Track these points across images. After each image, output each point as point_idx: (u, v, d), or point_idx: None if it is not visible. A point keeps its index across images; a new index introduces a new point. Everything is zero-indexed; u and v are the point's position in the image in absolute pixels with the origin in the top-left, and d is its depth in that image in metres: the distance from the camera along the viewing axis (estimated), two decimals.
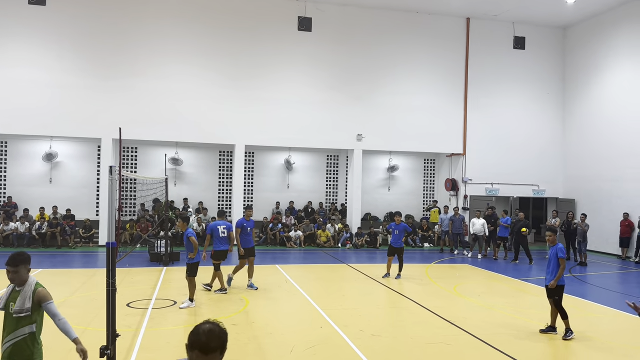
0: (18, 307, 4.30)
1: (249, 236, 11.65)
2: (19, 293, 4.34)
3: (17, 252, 4.49)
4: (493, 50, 22.50)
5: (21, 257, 4.42)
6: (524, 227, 17.27)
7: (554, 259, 8.45)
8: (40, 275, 13.04)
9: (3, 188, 19.98)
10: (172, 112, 19.36)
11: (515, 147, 22.64)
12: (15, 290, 4.35)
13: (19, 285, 4.38)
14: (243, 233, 11.50)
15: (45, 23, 18.46)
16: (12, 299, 4.30)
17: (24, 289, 4.37)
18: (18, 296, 4.32)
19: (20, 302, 4.30)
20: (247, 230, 11.57)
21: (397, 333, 8.52)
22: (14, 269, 4.35)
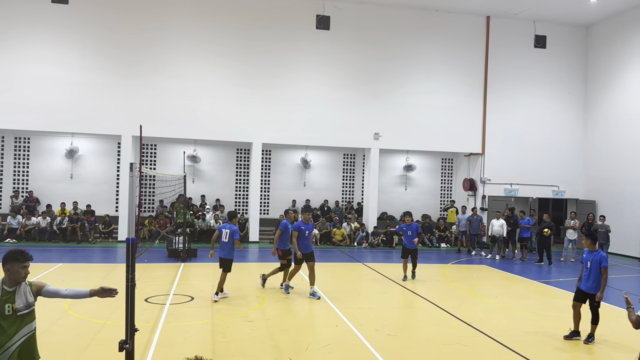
0: (22, 304, 4.17)
1: (307, 240, 10.94)
2: (15, 292, 4.16)
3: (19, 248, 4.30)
4: (513, 49, 22.23)
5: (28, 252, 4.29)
6: (546, 228, 17.09)
7: (595, 267, 8.09)
8: (60, 269, 13.29)
9: (26, 183, 20.38)
10: (190, 110, 19.55)
11: (535, 147, 22.35)
12: (8, 291, 4.13)
13: (13, 284, 4.18)
14: (301, 237, 10.85)
15: (67, 22, 18.77)
16: (6, 301, 4.10)
17: (20, 286, 4.20)
18: (14, 296, 4.15)
19: (22, 300, 4.18)
20: (305, 234, 10.89)
21: (413, 333, 8.49)
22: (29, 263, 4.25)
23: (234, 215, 11.10)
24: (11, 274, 4.18)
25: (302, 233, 10.83)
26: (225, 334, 8.00)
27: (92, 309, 9.30)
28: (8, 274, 4.18)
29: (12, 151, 20.22)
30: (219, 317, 8.99)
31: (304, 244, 10.87)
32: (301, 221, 10.99)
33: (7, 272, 4.18)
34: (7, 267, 4.17)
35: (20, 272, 4.18)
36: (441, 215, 23.46)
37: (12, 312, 4.13)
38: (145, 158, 21.41)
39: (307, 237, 10.92)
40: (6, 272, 4.18)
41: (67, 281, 11.74)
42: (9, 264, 4.17)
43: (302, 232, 10.81)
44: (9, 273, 4.18)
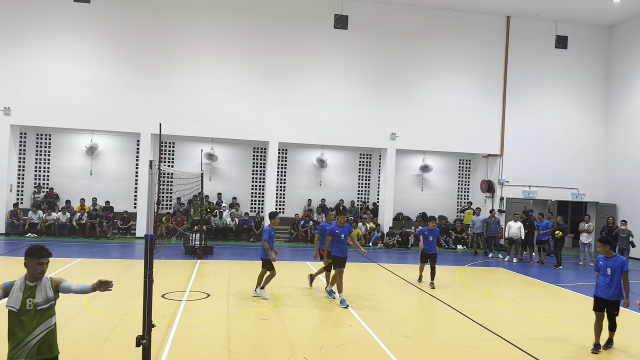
0: (42, 299, 4.21)
1: (343, 244, 10.32)
2: (36, 287, 4.22)
3: (39, 244, 4.31)
4: (534, 49, 21.97)
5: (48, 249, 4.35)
6: (558, 230, 16.91)
7: (617, 273, 7.77)
8: (79, 264, 13.49)
9: (46, 179, 20.74)
10: (208, 109, 19.71)
11: (555, 149, 22.07)
12: (29, 286, 4.20)
13: (34, 280, 4.24)
14: (336, 241, 10.25)
15: (89, 21, 19.05)
16: (28, 296, 4.17)
17: (41, 282, 4.26)
18: (35, 290, 4.21)
19: (42, 294, 4.23)
20: (341, 238, 10.27)
21: (428, 335, 8.44)
22: (47, 260, 4.29)
23: (271, 215, 10.68)
24: (29, 270, 4.24)
25: (337, 236, 10.25)
26: (240, 331, 8.05)
27: (110, 303, 9.43)
28: (27, 269, 4.26)
29: (34, 147, 20.60)
30: (235, 314, 9.04)
31: (340, 247, 10.27)
32: (335, 224, 10.40)
33: (26, 267, 4.26)
34: (25, 262, 4.25)
35: (37, 268, 4.22)
36: (458, 217, 23.29)
37: (32, 306, 4.18)
38: (164, 156, 21.63)
39: (343, 241, 10.29)
40: (25, 267, 4.26)
41: (86, 276, 11.92)
42: (27, 259, 4.24)
43: (336, 235, 10.24)
44: (27, 268, 4.25)
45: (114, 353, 6.90)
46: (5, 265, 13.20)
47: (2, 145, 18.59)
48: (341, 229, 10.32)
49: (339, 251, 10.26)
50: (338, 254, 10.25)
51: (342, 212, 10.60)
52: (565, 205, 23.69)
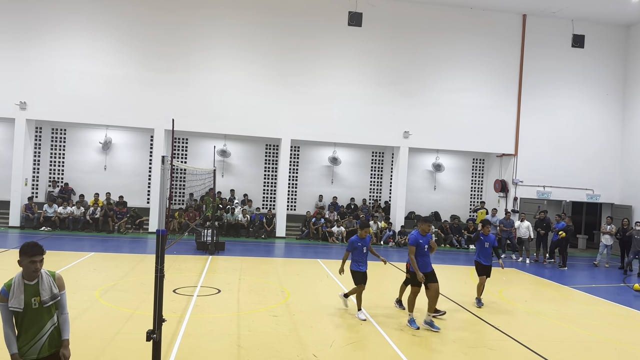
0: (47, 296, 4.17)
1: (427, 256, 8.86)
2: (38, 285, 4.15)
3: (33, 242, 4.19)
4: (550, 48, 21.71)
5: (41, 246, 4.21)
6: (561, 230, 16.76)
7: None
8: (92, 258, 13.63)
9: (61, 174, 20.96)
10: (221, 105, 19.77)
11: (570, 149, 21.80)
12: (29, 285, 4.12)
13: (32, 278, 4.15)
14: (419, 253, 8.73)
15: (104, 17, 19.20)
16: (32, 295, 4.11)
17: (42, 278, 4.18)
18: (38, 289, 4.14)
19: (47, 291, 4.18)
20: (425, 249, 8.79)
21: (438, 335, 8.37)
22: (42, 257, 4.19)
23: (361, 225, 9.42)
24: (24, 268, 4.15)
25: (421, 247, 8.74)
26: (250, 328, 8.07)
27: (121, 297, 9.51)
28: (22, 267, 4.16)
29: (49, 142, 20.83)
30: (245, 311, 9.06)
31: (424, 260, 8.78)
32: (418, 232, 8.84)
33: (20, 266, 4.16)
34: (19, 261, 4.14)
35: (30, 266, 4.12)
36: (470, 217, 23.12)
37: (38, 305, 4.15)
38: (177, 151, 21.75)
39: (426, 252, 8.83)
40: (20, 265, 4.16)
41: (98, 270, 12.04)
42: (21, 257, 4.13)
43: (420, 246, 8.73)
44: (22, 267, 4.15)
45: (125, 347, 6.94)
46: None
47: (18, 140, 18.82)
48: (424, 239, 8.81)
49: (422, 265, 8.73)
50: (422, 269, 8.71)
51: (427, 220, 8.97)
52: (580, 206, 23.41)
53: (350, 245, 9.26)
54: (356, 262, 9.22)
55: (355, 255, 9.21)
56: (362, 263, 9.25)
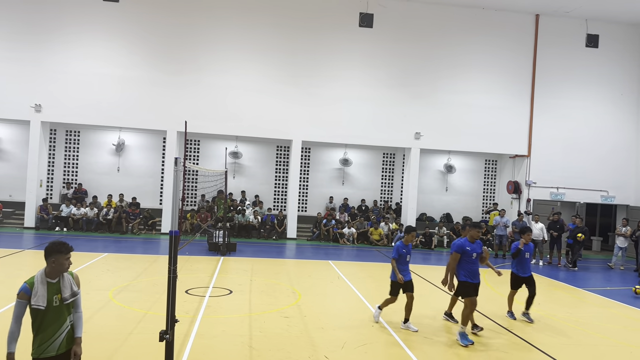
0: (69, 294, 4.30)
1: (475, 265, 8.16)
2: (59, 283, 4.26)
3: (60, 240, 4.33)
4: (563, 48, 21.51)
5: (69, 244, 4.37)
6: (580, 232, 16.57)
7: None
8: (105, 259, 13.75)
9: (75, 175, 21.20)
10: (233, 107, 19.86)
11: (584, 150, 21.58)
12: (52, 283, 4.22)
13: (56, 276, 4.27)
14: (466, 261, 8.13)
15: (117, 19, 19.39)
16: (53, 293, 4.21)
17: (63, 276, 4.30)
18: (60, 287, 4.26)
19: (68, 289, 4.30)
20: (472, 258, 8.15)
21: (450, 337, 8.33)
22: (70, 255, 4.34)
23: (407, 230, 8.76)
24: (56, 266, 4.24)
25: (468, 255, 8.13)
26: (262, 329, 8.08)
27: (134, 297, 9.59)
28: (53, 265, 4.23)
29: (63, 144, 21.07)
30: (256, 312, 9.09)
31: (471, 269, 8.13)
32: (465, 239, 8.28)
33: (51, 264, 4.23)
34: (52, 259, 4.22)
35: (65, 263, 4.26)
36: (483, 218, 22.96)
37: (59, 302, 4.25)
38: (189, 153, 21.88)
39: (474, 261, 8.16)
40: (50, 264, 4.23)
41: (112, 270, 12.14)
42: (54, 256, 4.21)
43: (467, 254, 8.12)
44: (54, 265, 4.23)
45: (138, 347, 7.00)
46: (36, 259, 13.54)
47: (33, 142, 19.06)
48: (472, 246, 8.17)
49: (470, 275, 8.12)
50: (468, 279, 8.11)
51: (475, 226, 8.37)
52: (594, 207, 23.15)
53: (396, 251, 8.50)
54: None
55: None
56: (405, 272, 8.53)
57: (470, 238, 8.19)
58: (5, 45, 18.87)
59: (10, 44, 18.89)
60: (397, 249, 8.49)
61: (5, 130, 20.58)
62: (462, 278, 8.12)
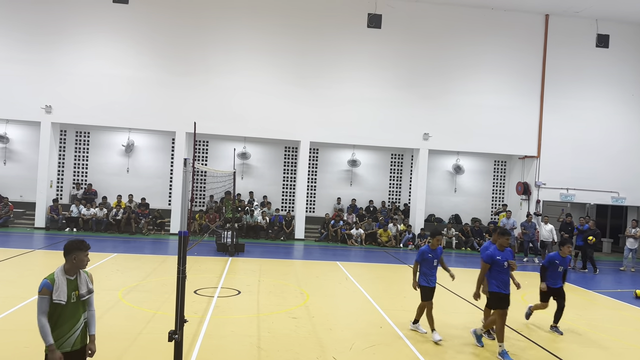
0: (85, 290, 4.46)
1: (506, 275, 7.66)
2: (76, 280, 4.43)
3: (80, 238, 4.55)
4: (573, 48, 21.35)
5: None
6: (591, 235, 16.40)
7: None
8: (114, 259, 13.83)
9: (85, 176, 21.35)
10: (241, 108, 19.91)
11: (594, 150, 21.40)
12: (71, 280, 4.39)
13: (74, 273, 4.44)
14: (498, 271, 7.60)
15: (127, 21, 19.51)
16: (72, 289, 4.36)
17: (80, 274, 4.48)
18: (77, 283, 4.42)
19: (84, 286, 4.47)
20: (504, 267, 7.62)
21: (460, 339, 8.28)
22: (88, 252, 4.53)
23: (433, 233, 8.58)
24: (77, 263, 4.41)
25: (499, 265, 7.60)
26: (270, 329, 8.09)
27: (144, 297, 9.64)
28: (73, 262, 4.40)
29: (73, 145, 21.24)
30: (265, 312, 9.10)
31: (503, 279, 7.60)
32: (494, 247, 7.78)
33: (71, 261, 4.40)
34: (73, 256, 4.39)
35: (84, 260, 4.45)
36: (492, 219, 22.84)
37: (76, 299, 4.40)
38: (197, 154, 21.97)
39: (506, 271, 7.66)
40: (71, 261, 4.40)
41: (121, 271, 12.21)
42: (74, 253, 4.39)
43: (498, 263, 7.60)
44: (75, 262, 4.40)
45: (147, 347, 7.03)
46: (46, 259, 13.65)
47: (44, 143, 19.22)
48: (503, 255, 7.65)
49: (501, 286, 7.60)
50: (500, 290, 7.59)
51: (505, 233, 7.80)
52: (604, 209, 22.95)
53: (420, 255, 8.23)
54: (424, 275, 8.22)
55: (424, 267, 8.22)
56: (431, 277, 8.22)
57: (500, 246, 7.72)
58: (16, 47, 19.05)
59: (21, 45, 19.06)
60: (421, 253, 8.23)
61: (16, 131, 20.77)
62: (495, 289, 7.61)
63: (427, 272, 8.21)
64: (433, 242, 8.32)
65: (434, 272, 8.25)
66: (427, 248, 8.27)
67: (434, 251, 8.24)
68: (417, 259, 8.26)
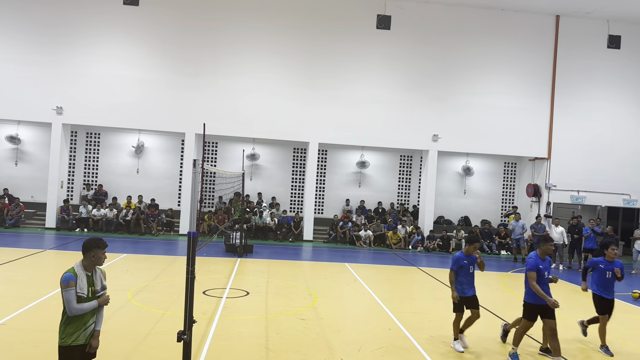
0: (100, 286, 4.70)
1: (547, 285, 7.19)
2: (93, 276, 4.65)
3: (97, 236, 4.78)
4: (584, 49, 21.18)
5: None
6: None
7: None
8: (124, 260, 13.90)
9: (95, 177, 21.50)
10: (250, 110, 19.96)
11: (605, 152, 21.20)
12: (89, 276, 4.62)
13: (91, 269, 4.66)
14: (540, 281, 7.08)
15: (137, 23, 19.64)
16: (89, 284, 4.59)
17: (95, 271, 4.70)
18: (94, 279, 4.65)
19: (99, 282, 4.70)
20: (545, 277, 7.14)
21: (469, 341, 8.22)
22: (105, 250, 4.74)
23: (469, 240, 7.88)
24: (95, 260, 4.64)
25: (540, 275, 7.13)
26: (278, 330, 8.09)
27: (153, 298, 9.68)
28: (91, 259, 4.63)
29: (84, 146, 21.40)
30: (273, 313, 9.10)
31: (545, 290, 7.10)
32: (536, 255, 7.28)
33: (90, 258, 4.63)
34: (92, 254, 4.62)
35: (102, 257, 4.68)
36: (502, 222, 22.69)
37: (92, 294, 4.62)
38: (207, 155, 22.04)
39: (547, 281, 7.19)
40: (89, 258, 4.62)
41: (131, 271, 12.27)
42: (93, 250, 4.62)
43: (540, 272, 7.13)
44: (93, 259, 4.63)
45: (156, 347, 7.05)
46: (56, 259, 13.76)
47: (55, 144, 19.38)
48: (545, 264, 7.22)
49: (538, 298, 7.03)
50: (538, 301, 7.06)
51: (546, 240, 7.21)
52: (615, 211, 22.72)
53: (455, 263, 7.73)
54: (460, 284, 7.70)
55: (460, 276, 7.70)
56: (467, 286, 7.70)
57: (542, 254, 7.19)
58: (27, 48, 19.24)
59: (32, 47, 19.25)
60: (456, 260, 7.70)
61: (27, 133, 20.97)
62: (531, 300, 7.12)
63: (463, 280, 7.68)
64: (469, 248, 7.77)
65: (471, 280, 7.75)
66: (461, 254, 7.76)
67: (469, 257, 7.74)
68: (453, 267, 7.72)
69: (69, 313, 4.45)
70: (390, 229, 20.56)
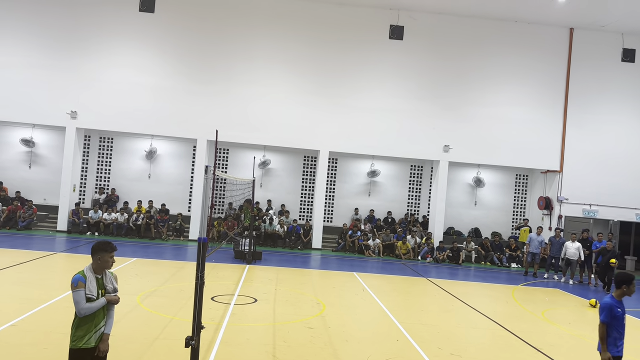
0: (110, 289, 4.73)
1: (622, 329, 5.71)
2: (103, 279, 4.69)
3: (106, 240, 4.83)
4: (598, 62, 21.06)
5: None
6: (613, 258, 15.90)
7: None
8: (134, 264, 13.98)
9: (107, 181, 21.69)
10: (262, 117, 20.07)
11: (619, 166, 20.99)
12: (99, 278, 4.66)
13: (101, 272, 4.69)
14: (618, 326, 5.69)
15: (152, 30, 19.89)
16: (99, 287, 4.63)
17: (105, 274, 4.74)
18: (103, 282, 4.69)
19: (110, 285, 4.74)
20: (622, 321, 5.71)
21: (478, 355, 8.15)
22: (114, 254, 4.77)
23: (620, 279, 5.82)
24: (101, 263, 4.66)
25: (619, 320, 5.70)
26: (286, 339, 8.07)
27: (162, 303, 9.71)
28: (99, 263, 4.65)
29: (97, 150, 21.61)
30: (281, 321, 9.09)
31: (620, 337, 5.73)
32: (612, 297, 5.77)
33: (97, 262, 4.66)
34: (98, 257, 4.64)
35: (109, 261, 4.69)
36: (513, 234, 22.50)
37: (101, 297, 4.65)
38: (218, 161, 22.15)
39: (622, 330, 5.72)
40: (97, 261, 4.66)
41: (140, 275, 12.33)
42: (99, 254, 4.65)
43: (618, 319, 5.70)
44: (100, 262, 4.65)
45: (164, 352, 7.06)
46: (67, 262, 13.86)
47: (68, 148, 19.61)
48: (619, 305, 5.76)
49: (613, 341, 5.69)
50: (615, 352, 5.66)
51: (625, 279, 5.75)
52: (628, 226, 22.43)
53: (607, 313, 5.68)
54: (613, 340, 5.69)
55: (613, 331, 5.69)
56: (620, 341, 5.71)
57: (618, 296, 5.78)
58: (43, 53, 19.54)
59: (48, 52, 19.55)
60: (609, 309, 5.67)
61: (41, 136, 21.23)
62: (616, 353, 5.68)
63: (616, 335, 5.68)
64: (621, 291, 5.78)
65: (622, 335, 5.71)
66: (613, 300, 5.73)
67: (621, 304, 5.77)
68: (604, 319, 5.65)
69: (79, 314, 4.50)
70: (399, 239, 20.47)
